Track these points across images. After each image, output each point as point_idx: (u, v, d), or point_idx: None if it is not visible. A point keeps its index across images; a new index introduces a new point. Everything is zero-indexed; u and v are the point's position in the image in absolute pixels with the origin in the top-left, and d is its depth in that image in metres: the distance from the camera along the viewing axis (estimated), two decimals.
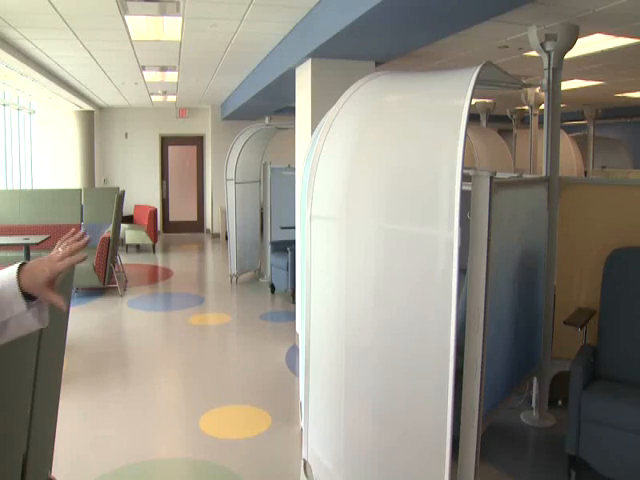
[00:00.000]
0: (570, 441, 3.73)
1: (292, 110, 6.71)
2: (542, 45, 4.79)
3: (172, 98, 12.78)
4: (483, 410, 3.17)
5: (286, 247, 8.00)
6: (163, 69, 9.06)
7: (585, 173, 10.35)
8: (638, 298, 4.03)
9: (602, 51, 6.83)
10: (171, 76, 9.65)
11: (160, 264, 12.02)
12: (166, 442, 4.51)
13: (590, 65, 7.83)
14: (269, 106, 10.87)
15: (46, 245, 8.37)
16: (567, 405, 3.83)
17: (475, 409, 3.08)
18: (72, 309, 2.56)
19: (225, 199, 10.00)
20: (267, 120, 10.75)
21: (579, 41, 5.07)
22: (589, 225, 4.65)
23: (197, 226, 15.80)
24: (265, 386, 5.44)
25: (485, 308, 3.07)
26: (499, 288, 3.61)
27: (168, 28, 6.26)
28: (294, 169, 6.72)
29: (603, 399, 3.70)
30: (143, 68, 8.88)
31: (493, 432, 4.25)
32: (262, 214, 10.02)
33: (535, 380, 4.63)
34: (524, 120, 10.70)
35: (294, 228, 5.98)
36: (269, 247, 9.22)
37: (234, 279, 9.75)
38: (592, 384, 3.85)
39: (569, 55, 4.95)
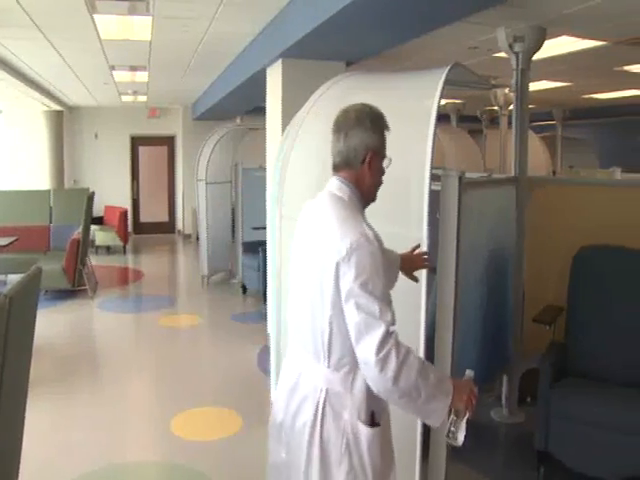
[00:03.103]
0: (539, 437, 3.78)
1: (264, 110, 6.70)
2: (510, 46, 4.85)
3: (143, 98, 12.67)
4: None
5: (257, 248, 7.97)
6: (133, 69, 8.98)
7: (554, 173, 10.50)
8: (604, 295, 4.10)
9: (569, 53, 6.93)
10: (141, 76, 9.56)
11: (131, 265, 11.91)
12: (137, 445, 4.46)
13: (558, 66, 7.94)
14: (240, 106, 10.83)
15: (15, 247, 8.26)
16: (536, 402, 3.88)
17: None
18: (40, 312, 2.53)
19: (196, 200, 9.94)
20: (238, 120, 10.72)
21: (547, 43, 5.15)
22: (557, 224, 4.72)
23: (168, 227, 15.69)
24: (236, 387, 5.42)
25: (455, 306, 3.09)
26: (469, 286, 3.64)
27: (138, 27, 6.20)
28: (265, 169, 6.70)
29: (571, 395, 3.76)
30: (113, 68, 8.79)
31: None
32: (233, 214, 9.98)
33: (505, 377, 4.68)
34: (494, 120, 10.80)
35: (265, 228, 5.97)
36: (240, 248, 9.18)
37: (205, 280, 9.69)
38: (561, 380, 3.90)
39: (537, 56, 5.02)
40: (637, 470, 3.53)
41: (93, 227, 11.46)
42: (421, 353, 2.63)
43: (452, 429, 1.99)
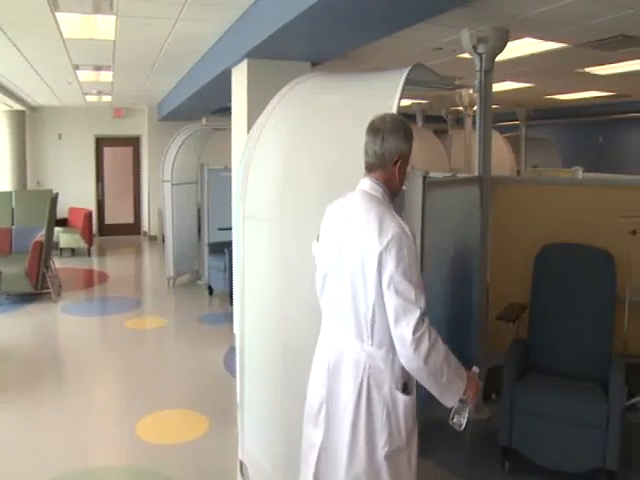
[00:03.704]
0: (503, 433, 3.84)
1: (230, 110, 6.67)
2: (474, 47, 4.90)
3: (107, 98, 12.52)
4: (418, 405, 3.20)
5: (223, 248, 7.94)
6: (97, 68, 8.86)
7: (518, 172, 10.63)
8: (565, 292, 4.18)
9: (532, 54, 7.03)
10: (106, 75, 9.44)
11: (96, 268, 11.76)
12: (101, 450, 4.41)
13: (521, 68, 8.05)
14: (206, 106, 10.77)
15: None
16: (501, 398, 3.93)
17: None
18: (1, 316, 2.48)
19: (162, 201, 9.86)
20: (204, 121, 10.63)
21: (510, 44, 5.21)
22: (520, 222, 4.79)
23: (134, 228, 15.52)
24: (202, 389, 5.39)
25: None
26: (433, 285, 3.67)
27: (102, 26, 6.12)
28: (231, 170, 6.67)
29: (533, 391, 3.83)
30: (76, 67, 8.66)
31: (429, 427, 4.31)
32: (199, 215, 9.92)
33: None
34: (459, 121, 10.90)
35: (231, 229, 5.94)
36: (206, 249, 9.13)
37: (171, 282, 9.62)
38: (524, 377, 3.96)
39: (500, 57, 5.08)
40: (597, 462, 3.61)
41: (57, 229, 11.30)
42: None
43: (457, 416, 2.31)
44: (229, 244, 7.38)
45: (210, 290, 8.92)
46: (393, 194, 2.42)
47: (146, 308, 8.56)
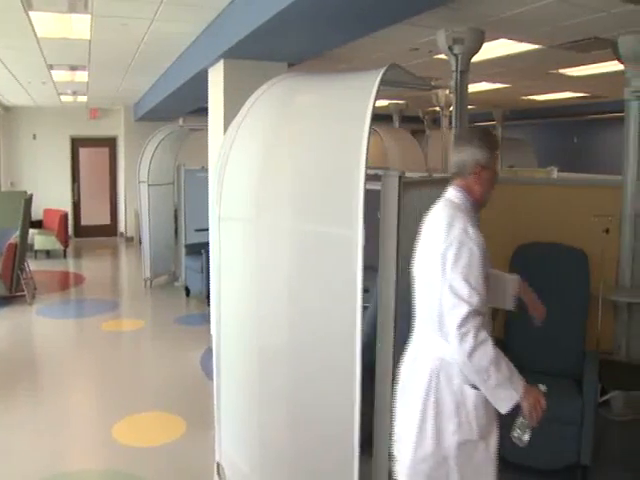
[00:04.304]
0: None
1: (207, 111, 6.64)
2: (450, 48, 4.95)
3: (83, 98, 12.39)
4: None
5: (200, 249, 7.90)
6: (73, 68, 8.76)
7: None
8: (540, 290, 4.19)
9: (507, 55, 7.09)
10: (81, 75, 9.35)
11: (72, 270, 11.62)
12: (78, 453, 4.36)
13: (496, 68, 8.11)
14: (183, 107, 10.72)
15: None
16: None
17: (387, 405, 3.12)
18: None
19: (138, 202, 9.79)
20: (181, 121, 10.60)
21: (485, 45, 5.26)
22: (496, 222, 4.81)
23: (110, 230, 15.37)
24: (179, 391, 5.36)
25: (395, 305, 3.12)
26: (409, 285, 3.67)
27: (77, 26, 6.05)
28: (208, 171, 6.65)
29: None
30: (51, 67, 8.56)
31: None
32: (176, 216, 9.86)
33: None
34: (436, 121, 10.98)
35: (208, 230, 5.92)
36: (183, 250, 9.09)
37: (148, 283, 9.56)
38: None
39: (476, 58, 5.13)
40: (572, 458, 3.65)
41: (32, 231, 11.15)
42: (357, 353, 2.65)
43: (518, 430, 2.37)
44: (206, 245, 7.35)
45: (187, 291, 8.88)
46: (477, 202, 2.58)
47: (123, 310, 8.49)
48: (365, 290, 3.12)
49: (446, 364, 2.44)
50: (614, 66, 6.37)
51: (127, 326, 7.63)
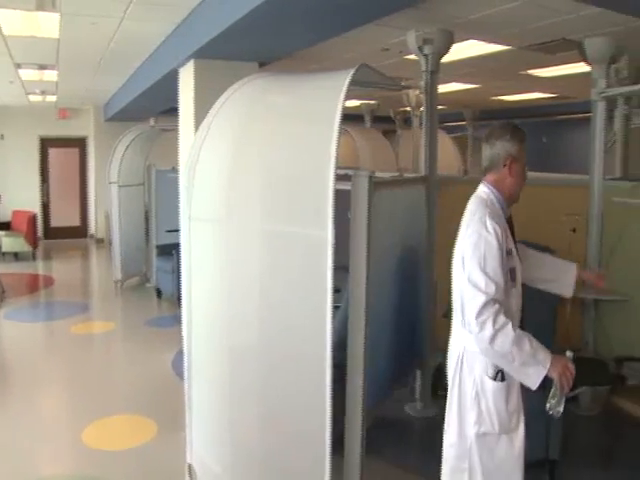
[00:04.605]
0: None
1: (178, 111, 6.59)
2: (420, 49, 4.96)
3: (52, 98, 12.22)
4: (367, 404, 3.23)
5: (171, 250, 7.84)
6: (41, 67, 8.62)
7: (465, 172, 10.81)
8: None
9: (477, 56, 7.15)
10: (50, 75, 9.22)
11: (41, 272, 11.47)
12: (47, 458, 4.30)
13: (467, 69, 8.18)
14: (154, 107, 10.63)
15: None
16: None
17: (359, 404, 3.14)
18: None
19: (109, 203, 9.69)
20: (152, 121, 10.50)
21: (455, 46, 5.29)
22: None
23: (80, 231, 15.18)
24: (151, 393, 5.32)
25: (366, 305, 3.13)
26: (381, 285, 3.70)
27: (45, 24, 5.96)
28: (179, 171, 6.60)
29: None
30: (19, 66, 8.42)
31: (379, 425, 4.36)
32: (147, 217, 9.78)
33: (418, 372, 4.78)
34: (407, 121, 11.03)
35: (179, 231, 5.86)
36: (154, 251, 9.01)
37: (119, 285, 9.46)
38: None
39: (446, 59, 5.16)
40: (541, 453, 3.70)
41: None
42: (327, 352, 2.67)
43: (552, 401, 2.43)
44: (177, 246, 7.27)
45: (158, 293, 8.81)
46: (509, 195, 2.68)
47: (93, 312, 8.39)
48: (337, 290, 3.14)
49: (468, 354, 2.55)
50: (581, 67, 6.45)
51: (97, 328, 7.54)
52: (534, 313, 4.17)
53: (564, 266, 2.92)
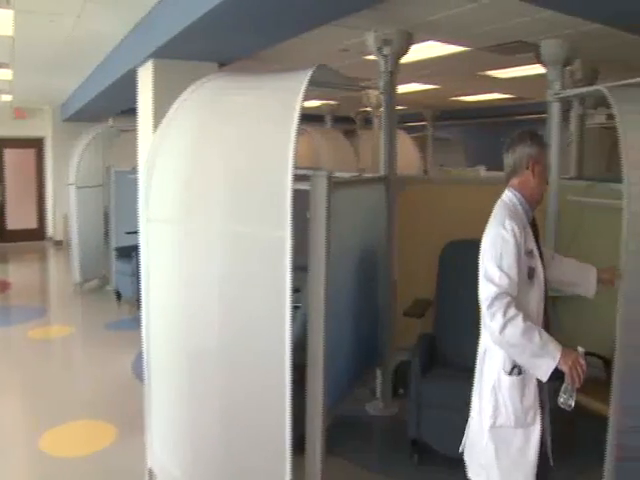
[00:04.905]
0: (411, 426, 3.94)
1: (137, 111, 6.52)
2: (379, 50, 4.99)
3: (7, 97, 11.97)
4: (327, 404, 3.24)
5: (131, 252, 7.74)
6: None
7: (425, 171, 10.92)
8: (467, 286, 4.31)
9: (436, 57, 7.21)
10: (5, 74, 9.02)
11: None
12: (3, 468, 4.18)
13: (426, 70, 8.25)
14: (113, 107, 10.48)
15: None
16: (409, 392, 4.03)
17: (319, 403, 3.15)
18: None
19: (67, 205, 9.53)
20: (111, 122, 10.36)
21: (414, 47, 5.34)
22: (426, 220, 4.91)
23: (38, 234, 14.87)
24: (110, 397, 5.24)
25: (326, 304, 3.14)
26: (340, 284, 3.71)
27: None
28: (139, 172, 6.53)
29: (438, 384, 3.95)
30: None
31: (340, 425, 4.37)
32: (107, 219, 9.64)
33: (379, 371, 4.81)
34: (368, 121, 11.09)
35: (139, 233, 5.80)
36: (114, 253, 8.89)
37: (78, 288, 9.31)
38: (431, 370, 4.07)
39: (406, 60, 5.20)
40: None
41: None
42: (287, 351, 2.67)
43: (564, 395, 2.49)
44: (137, 248, 7.18)
45: (118, 295, 8.68)
46: (533, 197, 2.76)
47: (51, 316, 8.24)
48: (297, 290, 3.15)
49: (490, 350, 2.66)
50: (538, 69, 6.56)
51: (55, 333, 7.40)
52: None
53: (586, 268, 3.02)
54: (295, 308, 3.32)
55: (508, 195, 2.77)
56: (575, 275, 3.01)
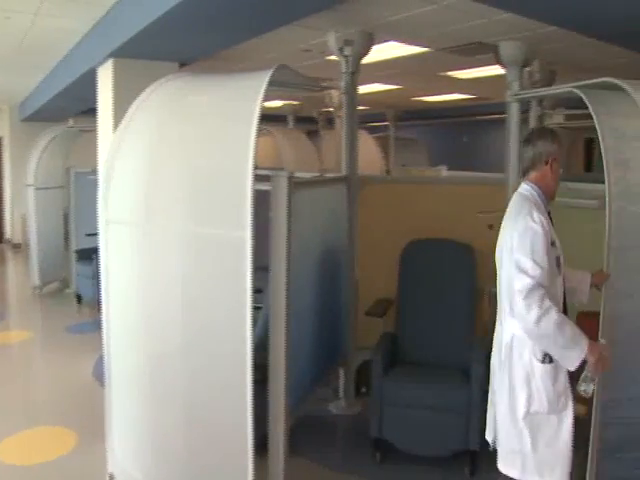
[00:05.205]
0: (374, 425, 3.96)
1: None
2: (340, 50, 5.01)
3: None
4: (290, 404, 3.24)
5: (92, 255, 7.63)
6: None
7: (387, 171, 10.98)
8: (428, 285, 4.39)
9: (397, 58, 7.27)
10: None
11: None
12: None
13: (388, 70, 8.30)
14: (73, 107, 10.33)
15: None
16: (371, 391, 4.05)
17: (281, 403, 3.15)
18: None
19: (26, 206, 9.35)
20: (71, 122, 10.19)
21: (376, 47, 5.37)
22: (388, 220, 4.95)
23: None
24: (71, 402, 5.14)
25: (287, 305, 3.15)
26: (302, 285, 3.72)
27: None
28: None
29: (400, 382, 3.99)
30: None
31: (303, 425, 4.38)
32: (66, 221, 9.48)
33: (341, 371, 4.83)
34: (330, 121, 11.10)
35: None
36: (74, 255, 8.74)
37: (37, 291, 9.13)
38: (393, 369, 4.11)
39: (367, 60, 5.22)
40: (461, 444, 3.81)
41: None
42: (248, 352, 2.67)
43: (584, 384, 2.62)
44: (97, 250, 7.09)
45: (78, 298, 8.54)
46: (549, 191, 2.89)
47: (10, 321, 8.05)
48: (259, 290, 3.14)
49: (517, 339, 2.73)
50: (497, 70, 6.65)
51: (13, 338, 7.23)
52: (453, 307, 4.32)
53: (581, 275, 3.09)
54: (257, 309, 3.33)
55: (527, 188, 2.87)
56: (572, 282, 3.07)
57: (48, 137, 9.24)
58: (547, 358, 2.68)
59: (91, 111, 9.91)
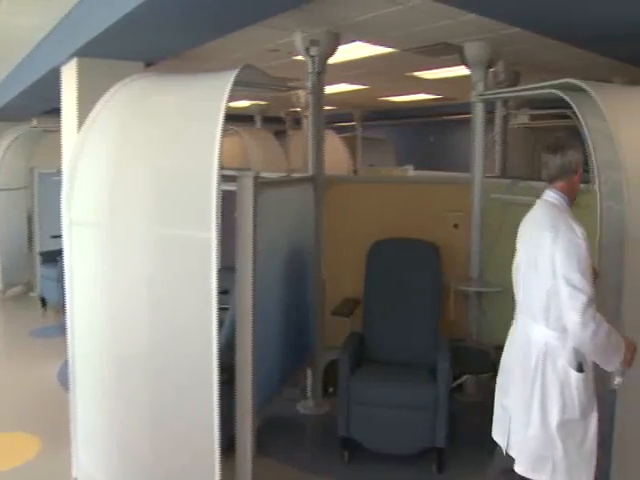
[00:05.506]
0: (341, 424, 3.98)
1: None
2: (307, 50, 5.02)
3: None
4: (257, 404, 3.24)
5: (56, 257, 7.52)
6: None
7: (355, 171, 11.01)
8: (395, 284, 4.42)
9: (363, 58, 7.29)
10: None
11: None
12: None
13: (354, 70, 8.32)
14: (36, 107, 10.15)
15: None
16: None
17: (248, 404, 3.15)
18: None
19: None
20: (34, 122, 10.04)
21: (342, 47, 5.39)
22: (355, 220, 4.97)
23: None
24: (34, 408, 5.05)
25: (254, 305, 3.14)
26: (268, 285, 3.72)
27: None
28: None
29: (367, 381, 4.02)
30: None
31: (271, 425, 4.38)
32: (30, 223, 9.33)
33: (309, 371, 4.84)
34: (298, 121, 11.10)
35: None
36: (38, 258, 8.59)
37: (0, 295, 8.96)
38: (360, 368, 4.13)
39: (334, 60, 5.24)
40: (428, 442, 3.85)
41: None
42: (214, 352, 2.66)
43: (618, 378, 2.68)
44: (62, 252, 7.02)
45: (43, 302, 8.39)
46: (572, 199, 2.86)
47: None
48: (225, 291, 3.14)
49: (551, 348, 2.72)
50: (462, 71, 6.72)
51: None
52: (419, 306, 4.36)
53: None
54: (224, 310, 3.32)
55: (555, 197, 2.83)
56: None
57: (11, 137, 9.08)
58: (581, 366, 2.70)
59: (55, 111, 9.77)
